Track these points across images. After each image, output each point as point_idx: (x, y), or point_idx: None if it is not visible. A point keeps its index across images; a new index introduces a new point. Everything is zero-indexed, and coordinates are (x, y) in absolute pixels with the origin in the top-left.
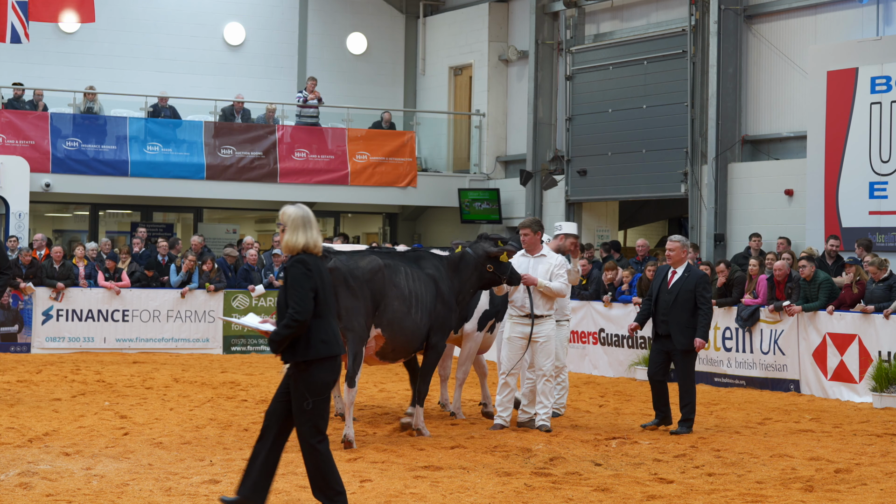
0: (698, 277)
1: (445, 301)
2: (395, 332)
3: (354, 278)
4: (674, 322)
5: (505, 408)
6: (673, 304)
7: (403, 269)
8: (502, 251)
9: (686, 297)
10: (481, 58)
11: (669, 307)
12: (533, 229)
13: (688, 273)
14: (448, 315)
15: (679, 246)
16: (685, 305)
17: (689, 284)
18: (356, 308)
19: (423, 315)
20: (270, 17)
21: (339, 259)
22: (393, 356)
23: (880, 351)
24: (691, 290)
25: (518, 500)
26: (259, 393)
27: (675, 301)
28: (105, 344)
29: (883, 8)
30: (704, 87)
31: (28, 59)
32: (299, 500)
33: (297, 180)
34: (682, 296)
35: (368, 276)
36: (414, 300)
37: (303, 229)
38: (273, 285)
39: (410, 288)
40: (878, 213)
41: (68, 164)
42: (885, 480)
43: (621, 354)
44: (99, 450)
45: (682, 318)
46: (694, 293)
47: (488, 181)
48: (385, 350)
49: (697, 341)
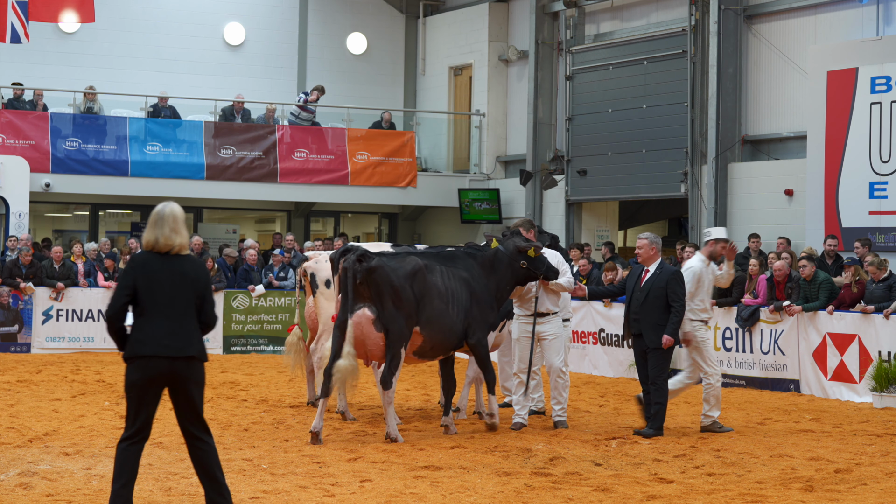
0: (670, 274)
1: (480, 299)
2: (433, 331)
3: (398, 278)
4: (645, 320)
5: (522, 406)
6: (644, 303)
7: (439, 268)
8: (530, 246)
9: (657, 295)
10: (481, 58)
11: (641, 305)
12: (525, 228)
13: (660, 270)
14: (486, 313)
15: (647, 243)
16: (656, 304)
17: (660, 282)
18: (397, 309)
19: (460, 313)
20: (270, 17)
21: (381, 259)
22: (431, 354)
23: (880, 351)
24: (663, 288)
25: (518, 500)
26: (259, 393)
27: (647, 299)
28: (105, 344)
29: (883, 8)
30: (704, 87)
31: (28, 59)
32: (299, 500)
33: (297, 180)
34: (653, 293)
35: (409, 276)
36: (451, 298)
37: (152, 227)
38: (273, 285)
39: (447, 286)
40: (878, 213)
41: (68, 164)
42: (885, 480)
43: (621, 354)
44: (99, 450)
45: (653, 317)
46: (665, 290)
47: (488, 181)
48: (423, 348)
49: (665, 338)
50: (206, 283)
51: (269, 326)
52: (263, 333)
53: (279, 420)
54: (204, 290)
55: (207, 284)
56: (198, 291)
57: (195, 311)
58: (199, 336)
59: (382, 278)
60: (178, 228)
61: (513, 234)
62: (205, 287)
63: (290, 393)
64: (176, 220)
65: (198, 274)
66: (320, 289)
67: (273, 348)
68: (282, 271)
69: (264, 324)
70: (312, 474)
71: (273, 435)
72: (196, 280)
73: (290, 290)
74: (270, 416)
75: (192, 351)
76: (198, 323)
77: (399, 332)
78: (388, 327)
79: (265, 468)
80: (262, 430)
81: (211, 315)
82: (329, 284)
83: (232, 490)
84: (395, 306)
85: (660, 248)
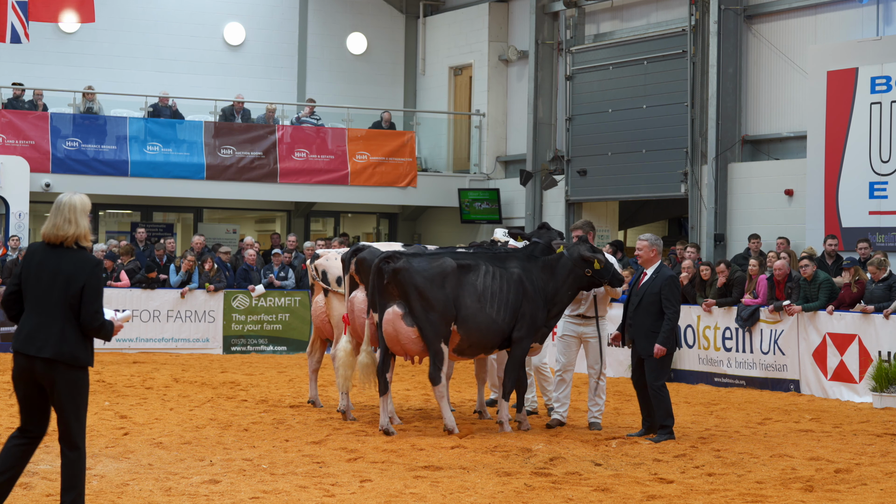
0: (665, 279)
1: (532, 299)
2: (469, 329)
3: (425, 279)
4: (638, 327)
5: (562, 403)
6: (638, 308)
7: (484, 268)
8: (594, 258)
9: (651, 301)
10: (481, 58)
11: (635, 311)
12: (584, 230)
13: (656, 274)
14: (535, 313)
15: (647, 245)
16: (650, 309)
17: (654, 287)
18: (426, 308)
19: (503, 312)
20: (270, 17)
21: (407, 260)
22: (470, 352)
23: (880, 351)
24: (657, 293)
25: (518, 500)
26: (259, 393)
27: (641, 304)
28: (104, 344)
29: (883, 8)
30: (704, 87)
31: (28, 59)
32: (299, 500)
33: (297, 180)
34: (647, 299)
35: (440, 276)
36: (489, 297)
37: (50, 216)
38: (273, 285)
39: (486, 285)
40: (878, 213)
41: (68, 164)
42: (885, 480)
43: (621, 354)
44: (99, 450)
45: (645, 323)
46: (659, 296)
47: (488, 181)
48: (461, 346)
49: (657, 348)
50: (85, 281)
51: (269, 326)
52: (263, 333)
53: (279, 420)
54: (82, 290)
55: (89, 283)
56: (71, 290)
57: (71, 311)
58: (75, 338)
59: (406, 278)
60: (74, 218)
61: (581, 242)
62: (84, 286)
63: (290, 393)
64: (73, 210)
65: (76, 271)
66: (332, 287)
67: (273, 348)
68: (282, 271)
69: (264, 324)
70: (312, 474)
71: (273, 435)
72: (71, 277)
73: (291, 290)
74: (270, 416)
75: (49, 352)
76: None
77: (434, 330)
78: (421, 325)
79: (265, 468)
80: (262, 430)
81: (88, 317)
82: (340, 282)
83: (232, 490)
84: (422, 305)
85: (660, 249)
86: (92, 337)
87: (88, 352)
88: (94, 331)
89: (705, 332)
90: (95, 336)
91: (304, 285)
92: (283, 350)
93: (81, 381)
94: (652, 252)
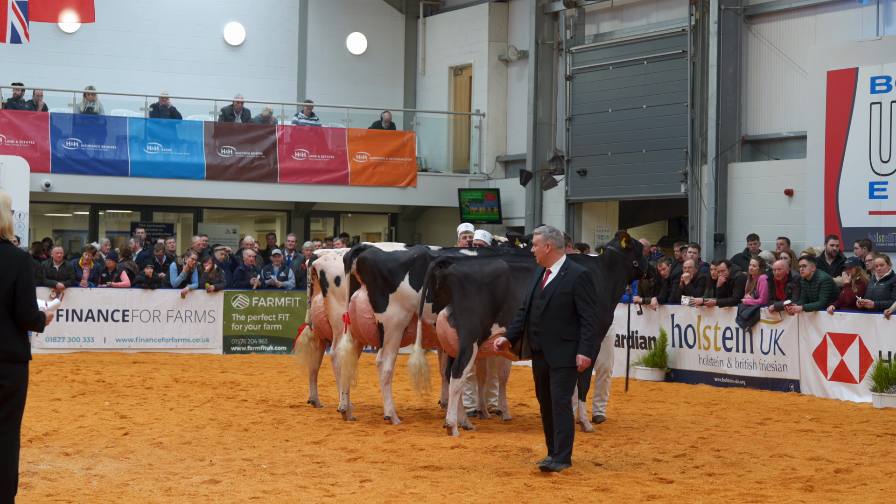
0: (577, 276)
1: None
2: None
3: (471, 281)
4: (545, 334)
5: (601, 399)
6: (545, 312)
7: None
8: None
9: (561, 303)
10: (481, 58)
11: (541, 316)
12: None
13: (564, 272)
14: (602, 315)
15: (541, 239)
16: (560, 313)
17: (564, 287)
18: (470, 308)
19: None
20: (270, 17)
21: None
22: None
23: (880, 351)
24: (568, 294)
25: (518, 500)
26: (259, 393)
27: (548, 308)
28: (105, 344)
29: (883, 8)
30: (704, 87)
31: (28, 59)
32: (299, 500)
33: (297, 180)
34: (556, 301)
35: (490, 279)
36: None
37: None
38: (276, 285)
39: None
40: (878, 213)
41: (68, 164)
42: (885, 480)
43: (621, 354)
44: (99, 450)
45: (555, 329)
46: (572, 297)
47: (488, 181)
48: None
49: (580, 359)
50: (17, 276)
51: (269, 326)
52: (263, 333)
53: (279, 420)
54: (14, 284)
55: (21, 277)
56: (3, 287)
57: (5, 307)
58: (11, 334)
59: (453, 282)
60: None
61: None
62: (16, 280)
63: (290, 393)
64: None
65: (7, 266)
66: (330, 287)
67: (273, 348)
68: (282, 271)
69: (264, 324)
70: (312, 474)
71: (273, 435)
72: (1, 274)
73: (291, 290)
74: (270, 416)
75: None
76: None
77: (470, 329)
78: (460, 323)
79: (265, 468)
80: (262, 430)
81: (24, 311)
82: (339, 282)
83: (232, 490)
84: (464, 305)
85: (561, 244)
86: (27, 330)
87: (26, 346)
88: (29, 324)
89: (705, 331)
90: (31, 329)
91: (303, 285)
92: (283, 350)
93: (22, 378)
94: (547, 247)
